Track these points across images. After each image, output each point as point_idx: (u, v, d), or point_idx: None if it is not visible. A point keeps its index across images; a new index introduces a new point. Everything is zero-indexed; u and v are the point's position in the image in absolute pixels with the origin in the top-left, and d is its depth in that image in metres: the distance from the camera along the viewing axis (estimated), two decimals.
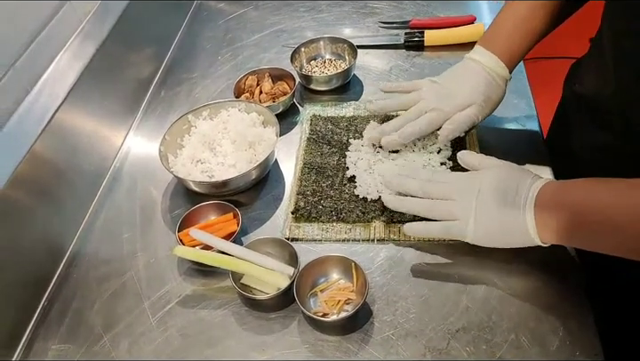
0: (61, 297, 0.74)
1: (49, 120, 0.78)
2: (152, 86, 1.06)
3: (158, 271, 0.75)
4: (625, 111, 0.68)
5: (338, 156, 0.84)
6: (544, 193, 0.62)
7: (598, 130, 0.75)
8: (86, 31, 0.90)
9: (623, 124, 0.69)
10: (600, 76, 0.72)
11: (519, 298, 0.66)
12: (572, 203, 0.59)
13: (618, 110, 0.70)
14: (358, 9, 1.16)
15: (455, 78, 0.79)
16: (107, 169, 0.91)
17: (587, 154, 0.79)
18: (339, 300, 0.67)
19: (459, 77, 0.79)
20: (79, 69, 0.85)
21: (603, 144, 0.74)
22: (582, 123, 0.80)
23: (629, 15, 0.61)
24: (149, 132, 0.97)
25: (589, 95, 0.77)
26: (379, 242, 0.74)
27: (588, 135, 0.78)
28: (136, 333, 0.69)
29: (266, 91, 0.95)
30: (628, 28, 0.62)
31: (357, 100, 0.95)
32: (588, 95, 0.77)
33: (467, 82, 0.77)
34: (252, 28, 1.16)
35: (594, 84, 0.75)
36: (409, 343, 0.64)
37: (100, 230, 0.82)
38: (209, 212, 0.78)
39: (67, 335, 0.70)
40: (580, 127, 0.81)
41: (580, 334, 0.62)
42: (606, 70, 0.69)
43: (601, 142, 0.75)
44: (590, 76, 0.77)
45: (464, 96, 0.76)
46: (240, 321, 0.68)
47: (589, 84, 0.77)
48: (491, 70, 0.77)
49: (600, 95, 0.73)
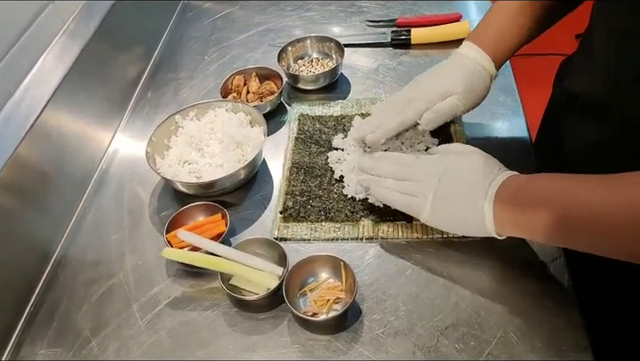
0: (49, 300, 0.74)
1: (33, 122, 0.77)
2: (139, 87, 1.05)
3: (147, 273, 0.75)
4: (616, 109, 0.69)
5: (326, 155, 0.84)
6: (507, 185, 0.62)
7: (588, 127, 0.75)
8: (70, 31, 0.90)
9: (614, 122, 0.70)
10: (590, 74, 0.73)
11: (507, 295, 0.66)
12: (533, 197, 0.59)
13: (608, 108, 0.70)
14: (345, 7, 1.16)
15: (438, 70, 0.79)
16: (93, 170, 0.90)
17: (576, 151, 0.79)
18: (328, 299, 0.67)
19: (443, 69, 0.79)
20: (64, 70, 0.85)
21: (592, 141, 0.75)
22: (572, 120, 0.80)
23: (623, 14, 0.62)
24: (136, 132, 0.97)
25: (579, 93, 0.77)
26: (367, 240, 0.74)
27: (578, 133, 0.78)
28: (125, 336, 0.68)
29: (253, 90, 0.95)
30: (621, 27, 0.63)
31: (345, 99, 0.95)
32: (578, 93, 0.78)
33: (446, 71, 0.77)
34: (239, 28, 1.16)
35: (584, 81, 0.76)
36: (398, 341, 0.64)
37: (87, 233, 0.82)
38: (197, 213, 0.78)
39: (55, 339, 0.70)
40: (569, 125, 0.81)
41: (567, 330, 0.62)
42: (596, 68, 0.69)
43: (591, 139, 0.75)
44: (580, 73, 0.78)
45: (444, 83, 0.75)
46: (230, 322, 0.68)
47: (579, 82, 0.78)
48: (476, 63, 0.77)
49: (590, 93, 0.74)
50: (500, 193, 0.62)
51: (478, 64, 0.76)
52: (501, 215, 0.61)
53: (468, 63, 0.76)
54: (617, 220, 0.52)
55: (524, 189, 0.61)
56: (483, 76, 0.77)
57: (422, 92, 0.76)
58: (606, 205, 0.53)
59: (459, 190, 0.65)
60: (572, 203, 0.55)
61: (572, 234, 0.56)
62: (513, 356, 0.61)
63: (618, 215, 0.52)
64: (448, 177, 0.66)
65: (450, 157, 0.69)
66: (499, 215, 0.61)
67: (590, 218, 0.54)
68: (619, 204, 0.52)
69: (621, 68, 0.65)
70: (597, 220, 0.53)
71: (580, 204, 0.55)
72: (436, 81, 0.77)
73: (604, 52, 0.67)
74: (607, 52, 0.67)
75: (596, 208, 0.53)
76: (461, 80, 0.75)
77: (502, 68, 0.81)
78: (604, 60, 0.68)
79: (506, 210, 0.61)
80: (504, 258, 0.69)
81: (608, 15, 0.65)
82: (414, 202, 0.68)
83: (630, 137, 0.67)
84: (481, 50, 0.77)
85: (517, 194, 0.61)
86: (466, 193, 0.64)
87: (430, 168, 0.69)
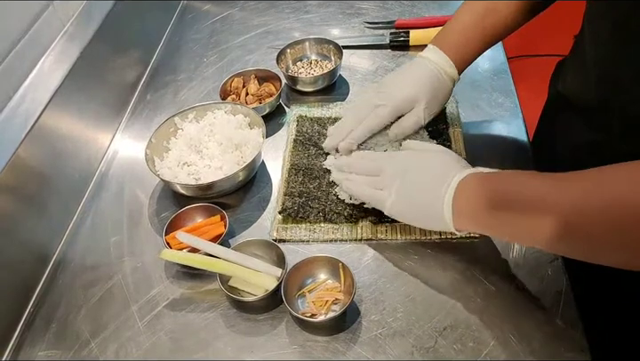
0: (48, 303, 0.74)
1: (32, 124, 0.77)
2: (138, 89, 1.05)
3: (146, 275, 0.75)
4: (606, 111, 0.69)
5: (324, 157, 0.84)
6: (468, 181, 0.62)
7: (582, 129, 0.75)
8: (70, 34, 0.90)
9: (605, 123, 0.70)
10: (581, 76, 0.73)
11: (505, 295, 0.67)
12: (492, 192, 0.59)
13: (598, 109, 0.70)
14: (344, 9, 1.16)
15: (403, 74, 0.79)
16: (93, 173, 0.90)
17: (570, 153, 0.79)
18: (326, 300, 0.67)
19: (405, 72, 0.79)
20: (63, 73, 0.85)
21: (585, 143, 0.75)
22: (566, 122, 0.80)
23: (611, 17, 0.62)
24: (136, 134, 0.97)
25: (571, 94, 0.77)
26: (366, 241, 0.74)
27: (571, 135, 0.79)
28: (124, 338, 0.68)
29: (252, 92, 0.95)
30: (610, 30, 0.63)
31: (343, 101, 0.95)
32: (569, 94, 0.78)
33: (414, 76, 0.78)
34: (238, 30, 1.16)
35: (575, 83, 0.76)
36: (397, 342, 0.64)
37: (86, 235, 0.82)
38: (196, 214, 0.78)
39: (54, 341, 0.70)
40: (563, 127, 0.82)
41: (565, 330, 0.62)
42: (587, 70, 0.69)
43: (584, 141, 0.75)
44: (572, 75, 0.78)
45: (410, 89, 0.76)
46: (228, 323, 0.68)
47: (571, 84, 0.78)
48: (438, 67, 0.77)
49: (581, 94, 0.74)
50: (461, 187, 0.62)
51: (442, 69, 0.77)
52: (459, 208, 0.61)
53: (432, 68, 0.77)
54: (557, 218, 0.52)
55: (484, 184, 0.61)
56: (446, 83, 0.78)
57: (388, 98, 0.77)
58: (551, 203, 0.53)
59: (422, 183, 0.66)
60: (527, 200, 0.56)
61: (528, 230, 0.56)
62: (511, 356, 0.61)
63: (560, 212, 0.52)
64: (414, 170, 0.68)
65: (418, 153, 0.71)
66: (457, 208, 0.62)
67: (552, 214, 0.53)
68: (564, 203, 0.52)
69: (610, 71, 0.66)
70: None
71: (535, 200, 0.55)
72: (402, 86, 0.77)
73: (594, 54, 0.68)
74: (597, 54, 0.67)
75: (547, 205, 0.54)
76: (427, 87, 0.76)
77: (500, 70, 0.81)
78: (594, 62, 0.68)
79: (464, 203, 0.61)
80: (502, 259, 0.70)
81: (597, 17, 0.66)
82: (380, 194, 0.70)
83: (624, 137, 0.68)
84: (444, 54, 0.77)
85: (477, 188, 0.61)
86: (429, 185, 0.65)
87: (398, 163, 0.70)
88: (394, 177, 0.69)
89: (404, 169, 0.68)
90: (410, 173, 0.68)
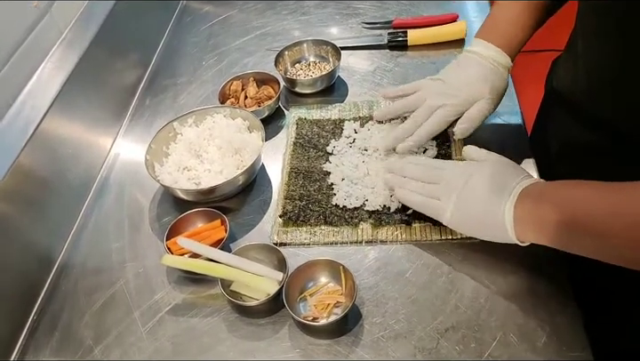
0: (51, 309, 0.74)
1: (33, 131, 0.77)
2: (137, 93, 1.05)
3: (147, 280, 0.75)
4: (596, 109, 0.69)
5: (324, 160, 0.84)
6: (529, 192, 0.61)
7: (574, 127, 0.75)
8: (68, 40, 0.90)
9: (597, 122, 0.70)
10: (573, 73, 0.73)
11: (507, 296, 0.67)
12: (555, 204, 0.58)
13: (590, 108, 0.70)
14: (341, 10, 1.16)
15: (457, 72, 0.79)
16: (94, 178, 0.90)
17: (564, 149, 0.80)
18: (328, 303, 0.67)
19: (461, 70, 0.79)
20: (63, 79, 0.85)
21: (578, 141, 0.75)
22: (560, 120, 0.80)
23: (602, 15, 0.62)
24: (136, 139, 0.97)
25: (564, 91, 0.78)
26: (367, 243, 0.74)
27: (565, 132, 0.79)
28: (127, 344, 0.69)
29: (251, 95, 0.95)
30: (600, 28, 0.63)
31: (342, 102, 0.95)
32: (562, 91, 0.78)
33: (470, 73, 0.78)
34: (236, 32, 1.16)
35: (567, 80, 0.76)
36: (399, 344, 0.64)
37: (88, 240, 0.82)
38: (197, 219, 0.78)
39: (58, 348, 0.70)
40: (558, 124, 0.82)
41: (566, 330, 0.63)
42: (578, 68, 0.70)
43: (577, 139, 0.75)
44: (565, 72, 0.78)
45: (470, 87, 0.76)
46: (231, 328, 0.69)
47: (564, 79, 0.78)
48: (492, 60, 0.77)
49: (573, 91, 0.74)
50: (522, 198, 0.61)
51: (495, 61, 0.77)
52: (522, 220, 0.61)
53: (484, 62, 0.77)
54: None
55: (545, 195, 0.60)
56: (502, 73, 0.78)
57: (448, 98, 0.77)
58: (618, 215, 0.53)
59: (482, 193, 0.65)
60: (584, 209, 0.56)
61: (595, 242, 0.56)
62: (513, 356, 0.61)
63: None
64: (473, 181, 0.66)
65: (478, 163, 0.70)
66: (519, 219, 0.61)
67: (602, 225, 0.54)
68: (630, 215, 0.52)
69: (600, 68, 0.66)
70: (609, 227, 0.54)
71: (591, 209, 0.55)
72: (461, 84, 0.77)
73: (584, 52, 0.68)
74: (587, 52, 0.67)
75: (606, 215, 0.54)
76: (487, 83, 0.76)
77: None
78: (585, 60, 0.68)
79: (527, 214, 0.60)
80: (503, 259, 0.70)
81: (589, 16, 0.66)
82: (437, 204, 0.68)
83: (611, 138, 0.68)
84: (495, 46, 0.77)
85: (539, 199, 0.60)
86: (489, 196, 0.64)
87: (457, 172, 0.69)
88: (453, 186, 0.67)
89: (464, 179, 0.67)
90: (470, 183, 0.66)
